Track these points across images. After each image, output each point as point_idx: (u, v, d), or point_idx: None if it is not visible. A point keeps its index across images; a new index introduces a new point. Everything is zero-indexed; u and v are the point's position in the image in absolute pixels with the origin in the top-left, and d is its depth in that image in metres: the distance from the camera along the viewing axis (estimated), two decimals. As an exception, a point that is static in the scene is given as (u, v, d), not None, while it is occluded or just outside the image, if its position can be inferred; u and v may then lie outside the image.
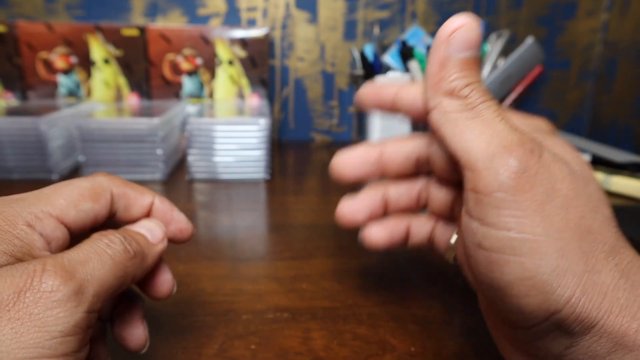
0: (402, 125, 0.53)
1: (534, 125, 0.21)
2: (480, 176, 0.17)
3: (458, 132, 0.18)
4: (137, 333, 0.21)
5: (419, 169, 0.26)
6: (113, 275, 0.17)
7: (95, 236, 0.18)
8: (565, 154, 0.19)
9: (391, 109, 0.25)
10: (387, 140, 0.25)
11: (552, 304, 0.16)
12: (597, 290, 0.16)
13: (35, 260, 0.15)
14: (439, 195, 0.25)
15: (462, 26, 0.18)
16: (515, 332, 0.18)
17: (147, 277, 0.22)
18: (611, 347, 0.16)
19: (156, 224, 0.22)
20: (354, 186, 0.27)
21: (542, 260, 0.16)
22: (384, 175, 0.26)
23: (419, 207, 0.27)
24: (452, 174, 0.24)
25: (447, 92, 0.19)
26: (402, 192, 0.26)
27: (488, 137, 0.18)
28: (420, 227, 0.26)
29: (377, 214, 0.26)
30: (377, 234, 0.26)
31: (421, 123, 0.25)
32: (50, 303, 0.14)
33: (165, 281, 0.22)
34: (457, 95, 0.19)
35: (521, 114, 0.22)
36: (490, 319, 0.20)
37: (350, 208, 0.26)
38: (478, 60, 0.19)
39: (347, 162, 0.25)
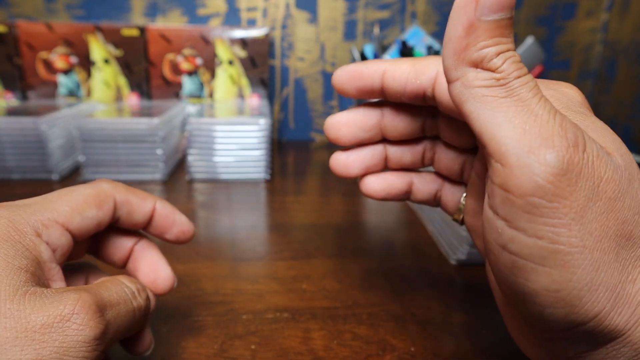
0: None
1: (565, 99, 0.18)
2: (512, 174, 0.14)
3: (486, 113, 0.15)
4: (141, 336, 0.21)
5: (424, 133, 0.23)
6: (128, 324, 0.18)
7: (124, 281, 0.19)
8: (606, 141, 0.16)
9: (378, 94, 0.22)
10: (388, 103, 0.23)
11: (578, 317, 0.15)
12: (628, 302, 0.15)
13: (71, 290, 0.16)
14: (447, 157, 0.23)
15: None
16: (532, 331, 0.17)
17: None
18: (632, 356, 0.15)
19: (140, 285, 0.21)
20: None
21: (574, 274, 0.14)
22: (385, 137, 0.24)
23: (423, 164, 0.24)
24: (465, 141, 0.22)
25: (474, 62, 0.15)
26: (404, 150, 0.24)
27: (523, 123, 0.14)
28: (425, 185, 0.24)
29: (374, 169, 0.24)
30: (374, 184, 0.24)
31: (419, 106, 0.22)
32: (77, 336, 0.15)
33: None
34: (487, 67, 0.15)
35: (545, 82, 0.18)
36: (505, 310, 0.19)
37: (345, 160, 0.24)
38: (512, 24, 0.15)
39: (344, 125, 0.23)
